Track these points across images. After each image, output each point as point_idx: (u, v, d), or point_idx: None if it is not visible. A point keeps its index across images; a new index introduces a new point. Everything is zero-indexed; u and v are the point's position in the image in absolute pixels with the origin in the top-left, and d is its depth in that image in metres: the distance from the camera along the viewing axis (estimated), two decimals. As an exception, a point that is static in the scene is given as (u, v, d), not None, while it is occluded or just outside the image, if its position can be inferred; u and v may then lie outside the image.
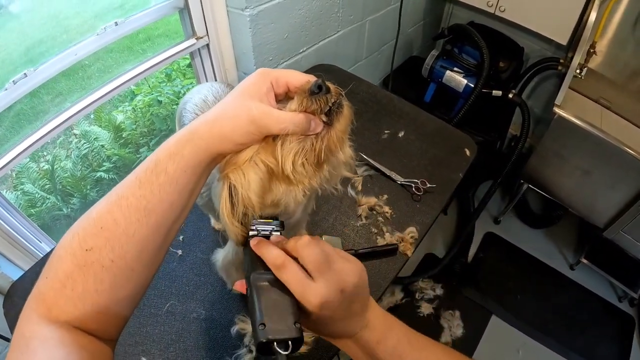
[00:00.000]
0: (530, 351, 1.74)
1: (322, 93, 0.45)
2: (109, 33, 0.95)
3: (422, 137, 1.22)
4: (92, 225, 0.39)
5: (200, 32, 1.12)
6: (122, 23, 0.97)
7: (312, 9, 1.26)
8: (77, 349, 0.36)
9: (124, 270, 0.39)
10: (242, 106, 0.41)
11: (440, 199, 1.06)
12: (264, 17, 1.12)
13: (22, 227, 1.04)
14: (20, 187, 1.70)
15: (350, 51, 1.59)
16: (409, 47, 2.02)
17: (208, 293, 0.87)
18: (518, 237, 2.11)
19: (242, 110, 0.41)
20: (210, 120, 0.41)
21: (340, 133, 0.48)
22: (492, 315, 1.85)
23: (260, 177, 0.46)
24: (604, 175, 1.55)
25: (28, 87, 0.89)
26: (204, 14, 1.09)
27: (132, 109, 2.03)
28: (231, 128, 0.41)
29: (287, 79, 0.46)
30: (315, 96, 0.45)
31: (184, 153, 0.40)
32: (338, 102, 0.47)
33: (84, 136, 1.91)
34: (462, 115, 1.66)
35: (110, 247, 0.38)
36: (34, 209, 1.65)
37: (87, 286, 0.38)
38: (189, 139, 0.41)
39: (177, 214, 0.42)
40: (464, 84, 1.66)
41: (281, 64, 1.28)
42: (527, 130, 1.70)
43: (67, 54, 0.92)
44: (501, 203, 2.23)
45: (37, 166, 1.79)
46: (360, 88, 1.36)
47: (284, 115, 0.43)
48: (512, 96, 1.67)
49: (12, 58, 0.97)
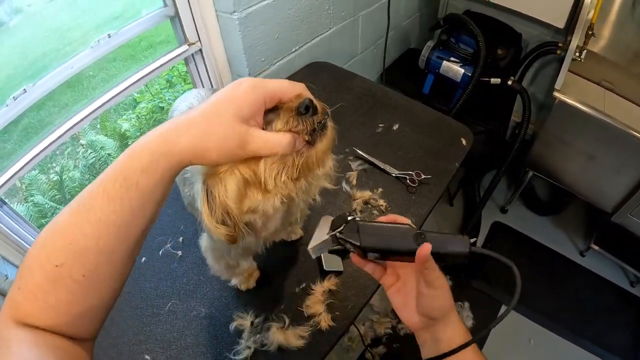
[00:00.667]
0: (542, 340, 1.73)
1: (309, 114, 0.46)
2: (103, 45, 0.98)
3: (417, 129, 1.22)
4: (60, 238, 0.38)
5: (192, 38, 1.14)
6: (114, 35, 0.99)
7: (302, 7, 1.27)
8: (52, 350, 0.37)
9: (96, 282, 0.39)
10: (233, 130, 0.40)
11: (436, 189, 1.06)
12: (253, 19, 1.13)
13: (30, 236, 1.08)
14: (30, 199, 1.75)
15: (345, 47, 1.60)
16: (406, 39, 2.01)
17: (207, 291, 0.89)
18: (526, 225, 2.09)
19: (233, 135, 0.40)
20: (194, 137, 0.39)
21: (321, 153, 0.49)
22: (501, 306, 1.83)
23: (237, 186, 0.48)
24: (609, 159, 1.52)
25: (28, 102, 0.92)
26: (194, 20, 1.11)
27: (137, 117, 2.07)
28: (218, 150, 0.40)
29: (281, 94, 0.45)
30: (303, 117, 0.46)
31: (159, 167, 0.39)
32: (323, 122, 0.48)
33: (91, 146, 1.96)
34: (461, 105, 1.64)
35: (81, 263, 0.38)
36: (45, 219, 1.71)
37: (60, 297, 0.38)
38: (164, 153, 0.39)
39: (147, 223, 0.42)
40: (461, 73, 1.65)
41: (274, 64, 1.30)
42: (527, 117, 1.68)
43: (64, 68, 0.95)
44: (507, 192, 2.21)
45: (46, 177, 1.85)
46: (354, 83, 1.36)
47: (273, 139, 0.43)
48: (511, 83, 1.65)
49: (17, 72, 1.01)
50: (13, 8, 1.06)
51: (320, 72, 1.39)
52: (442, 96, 1.79)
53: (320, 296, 0.85)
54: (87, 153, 1.96)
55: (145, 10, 1.05)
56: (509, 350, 1.71)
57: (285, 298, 0.87)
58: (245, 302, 0.87)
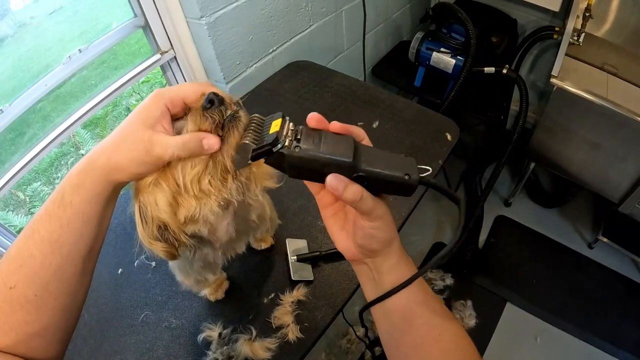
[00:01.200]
0: (549, 338, 1.66)
1: (215, 107, 0.44)
2: (74, 61, 0.99)
3: (399, 125, 1.18)
4: (12, 262, 0.40)
5: (164, 47, 1.13)
6: (85, 49, 1.00)
7: (276, 7, 1.24)
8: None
9: (48, 300, 0.41)
10: (137, 137, 0.42)
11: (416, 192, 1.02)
12: (223, 23, 1.11)
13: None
14: (33, 211, 1.80)
15: (329, 44, 1.56)
16: (398, 32, 1.95)
17: (179, 302, 0.89)
18: (531, 218, 2.01)
19: (138, 141, 0.42)
20: (109, 151, 0.42)
21: (235, 148, 0.47)
22: (506, 303, 1.77)
23: (166, 196, 0.47)
24: (615, 147, 1.45)
25: (6, 121, 0.93)
26: (165, 28, 1.10)
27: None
28: (128, 160, 0.42)
29: (182, 96, 0.45)
30: (209, 111, 0.44)
31: (86, 185, 0.41)
32: (232, 114, 0.45)
33: (89, 155, 1.99)
34: (454, 96, 1.59)
35: (31, 281, 0.40)
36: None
37: (16, 318, 0.40)
38: (88, 170, 0.42)
39: (89, 243, 0.43)
40: (452, 64, 1.59)
41: (250, 66, 1.28)
42: (525, 106, 1.61)
43: (38, 86, 0.96)
44: (511, 184, 2.14)
45: (50, 189, 1.90)
46: (334, 81, 1.33)
47: (169, 141, 0.42)
48: (506, 72, 1.58)
49: (21, 84, 1.01)
50: (16, 21, 1.08)
51: (299, 72, 1.36)
52: (435, 89, 1.74)
53: (288, 307, 0.83)
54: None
55: (115, 22, 1.05)
56: (515, 350, 1.65)
57: (254, 309, 0.85)
58: (215, 313, 0.86)
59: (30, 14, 1.11)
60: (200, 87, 0.46)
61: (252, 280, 0.90)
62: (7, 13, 1.04)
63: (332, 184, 0.38)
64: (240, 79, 1.27)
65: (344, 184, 0.38)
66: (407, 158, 0.42)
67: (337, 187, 0.38)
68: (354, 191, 0.38)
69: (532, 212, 2.04)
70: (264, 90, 1.31)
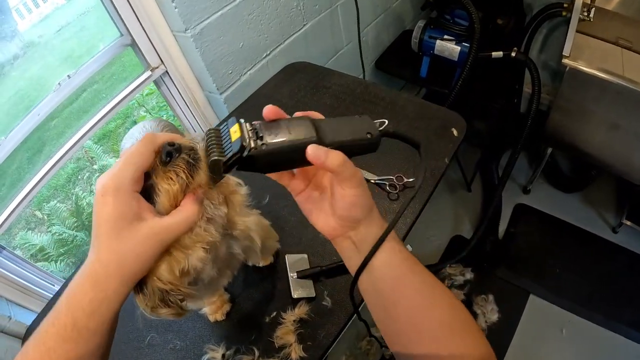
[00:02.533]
0: (575, 329, 1.60)
1: (175, 158, 0.42)
2: (64, 87, 0.98)
3: (401, 123, 1.13)
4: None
5: (154, 63, 1.12)
6: (74, 75, 0.99)
7: (265, 10, 1.21)
8: None
9: None
10: (139, 240, 0.40)
11: (422, 195, 0.96)
12: (210, 33, 1.08)
13: (32, 275, 1.13)
14: (51, 230, 1.85)
15: (326, 42, 1.51)
16: (400, 22, 1.88)
17: (182, 323, 0.88)
18: (551, 204, 1.92)
19: (143, 243, 0.40)
20: (120, 274, 0.40)
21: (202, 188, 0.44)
22: (529, 295, 1.71)
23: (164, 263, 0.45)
24: (635, 126, 1.35)
25: (3, 154, 0.94)
26: (153, 44, 1.08)
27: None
28: (140, 265, 0.41)
29: (140, 166, 0.41)
30: (173, 165, 0.42)
31: (102, 311, 0.40)
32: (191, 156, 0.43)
33: (102, 171, 2.02)
34: (462, 85, 1.51)
35: None
36: (64, 248, 1.80)
37: None
38: (103, 300, 0.40)
39: (104, 350, 0.43)
40: (457, 51, 1.52)
41: (244, 74, 1.25)
42: (537, 89, 1.53)
43: (31, 116, 0.97)
44: (528, 170, 2.04)
45: (66, 206, 1.94)
46: (332, 81, 1.28)
47: (171, 225, 0.41)
48: (515, 55, 1.50)
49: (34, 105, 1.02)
50: (25, 41, 1.10)
51: (295, 75, 1.32)
52: (442, 78, 1.67)
53: (290, 325, 0.81)
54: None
55: (102, 44, 1.04)
56: (540, 342, 1.59)
57: (256, 328, 0.83)
58: (217, 334, 0.85)
59: (38, 33, 1.12)
60: (147, 147, 0.42)
61: (253, 299, 0.88)
62: (15, 34, 1.06)
63: (314, 154, 0.38)
64: (235, 88, 1.24)
65: (324, 151, 0.38)
66: (363, 117, 0.43)
67: (319, 155, 0.38)
68: (336, 156, 0.38)
69: (552, 198, 1.95)
70: (260, 97, 1.28)
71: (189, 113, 1.27)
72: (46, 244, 1.81)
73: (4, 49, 1.04)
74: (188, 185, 0.43)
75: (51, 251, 1.82)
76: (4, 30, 1.04)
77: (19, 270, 1.10)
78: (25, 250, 1.83)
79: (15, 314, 1.04)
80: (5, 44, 1.05)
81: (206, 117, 1.30)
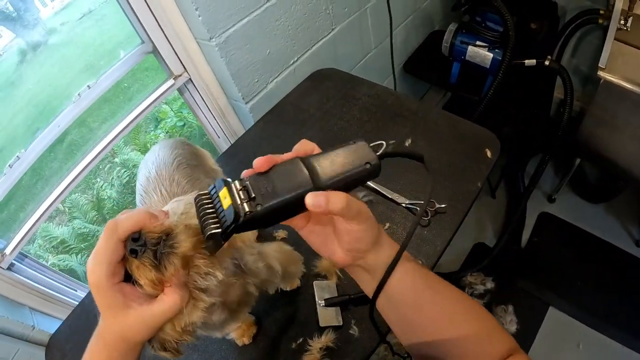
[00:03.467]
0: (592, 344, 1.56)
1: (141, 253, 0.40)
2: (84, 98, 0.96)
3: (433, 142, 1.08)
4: None
5: (177, 71, 1.08)
6: (94, 85, 0.97)
7: (293, 15, 1.15)
8: None
9: None
10: (133, 325, 0.41)
11: (453, 221, 0.94)
12: (235, 41, 1.04)
13: (55, 282, 1.13)
14: (72, 223, 1.86)
15: (355, 46, 1.45)
16: (429, 22, 1.80)
17: (208, 345, 0.88)
18: (576, 215, 1.86)
19: (139, 328, 0.41)
20: (124, 343, 0.41)
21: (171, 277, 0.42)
22: (549, 307, 1.67)
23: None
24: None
25: (24, 166, 0.93)
26: (176, 51, 1.05)
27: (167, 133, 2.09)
28: (140, 338, 0.42)
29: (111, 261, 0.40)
30: (142, 256, 0.40)
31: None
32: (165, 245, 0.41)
33: (124, 164, 2.02)
34: (493, 93, 1.45)
35: None
36: (85, 243, 1.82)
37: None
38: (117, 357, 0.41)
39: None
40: (490, 58, 1.45)
41: (270, 82, 1.21)
42: (570, 100, 1.46)
43: (51, 128, 0.96)
44: (555, 178, 1.98)
45: (86, 199, 1.95)
46: (361, 91, 1.23)
47: (163, 310, 0.41)
48: (548, 63, 1.42)
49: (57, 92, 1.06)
50: (47, 29, 1.10)
51: (323, 82, 1.27)
52: (472, 85, 1.60)
53: (317, 353, 0.80)
54: (121, 172, 2.02)
55: (123, 52, 1.00)
56: (556, 356, 1.57)
57: (282, 354, 0.83)
58: (243, 357, 0.84)
59: (60, 21, 1.12)
60: (112, 238, 0.40)
61: (279, 323, 0.87)
62: (38, 22, 1.06)
63: (314, 203, 0.36)
64: (261, 97, 1.20)
65: (324, 198, 0.36)
66: (358, 144, 0.41)
67: (319, 203, 0.36)
68: (337, 200, 0.37)
69: (577, 207, 1.89)
70: (287, 105, 1.24)
71: (213, 120, 1.24)
72: (67, 237, 1.83)
73: (27, 36, 1.05)
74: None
75: (72, 243, 1.84)
76: (27, 18, 1.04)
77: (41, 278, 1.10)
78: (47, 242, 1.86)
79: (38, 322, 1.04)
80: (29, 32, 1.05)
81: (231, 125, 1.27)
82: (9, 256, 0.94)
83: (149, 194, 0.74)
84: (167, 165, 0.76)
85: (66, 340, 0.95)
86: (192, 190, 0.75)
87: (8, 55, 1.03)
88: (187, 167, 0.80)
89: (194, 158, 0.84)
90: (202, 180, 0.80)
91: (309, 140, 0.42)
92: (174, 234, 0.41)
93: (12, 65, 1.05)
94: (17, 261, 0.99)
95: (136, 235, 0.39)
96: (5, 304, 0.95)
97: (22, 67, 1.06)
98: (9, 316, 0.92)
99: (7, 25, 1.02)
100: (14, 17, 1.03)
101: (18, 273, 0.97)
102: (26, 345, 0.96)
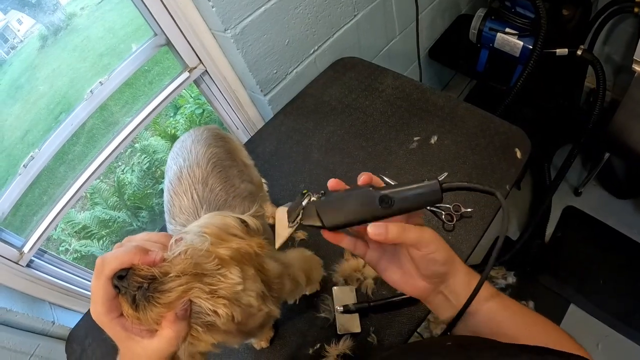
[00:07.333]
0: (611, 345, 1.52)
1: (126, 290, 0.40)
2: (97, 94, 0.94)
3: (460, 140, 1.03)
4: None
5: (192, 63, 1.05)
6: (106, 81, 0.94)
7: (312, 2, 1.10)
8: None
9: None
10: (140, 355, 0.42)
11: (479, 225, 0.89)
12: (252, 32, 0.99)
13: (74, 275, 1.14)
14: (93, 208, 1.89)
15: (378, 32, 1.38)
16: (456, 4, 1.69)
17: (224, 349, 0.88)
18: (602, 209, 1.79)
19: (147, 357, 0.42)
20: None
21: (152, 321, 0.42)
22: (570, 305, 1.63)
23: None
24: None
25: (39, 166, 0.92)
26: (191, 44, 1.01)
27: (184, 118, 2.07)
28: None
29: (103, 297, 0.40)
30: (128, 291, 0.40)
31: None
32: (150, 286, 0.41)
33: (144, 150, 2.01)
34: (522, 84, 1.36)
35: None
36: (106, 230, 1.84)
37: None
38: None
39: None
40: (520, 46, 1.36)
41: (290, 73, 1.16)
42: (602, 92, 1.38)
43: (64, 127, 0.94)
44: (582, 170, 1.90)
45: (107, 184, 1.97)
46: (385, 82, 1.18)
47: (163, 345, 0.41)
48: (581, 53, 1.32)
49: (79, 75, 1.07)
50: (67, 14, 1.10)
51: (346, 72, 1.21)
52: (500, 74, 1.51)
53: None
54: (141, 158, 2.02)
55: (135, 45, 0.97)
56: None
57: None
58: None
59: (80, 5, 1.11)
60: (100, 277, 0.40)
61: (297, 327, 0.86)
62: (57, 7, 1.06)
63: (375, 233, 0.40)
64: (280, 88, 1.16)
65: (384, 228, 0.40)
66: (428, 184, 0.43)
67: (380, 233, 0.40)
68: (396, 231, 0.40)
69: (603, 202, 1.81)
70: (307, 97, 1.19)
71: (231, 112, 1.21)
72: (89, 222, 1.85)
73: (47, 22, 1.05)
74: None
75: (94, 229, 1.86)
76: (46, 3, 1.04)
77: (61, 272, 1.10)
78: (69, 227, 1.89)
79: (58, 317, 1.05)
80: (48, 17, 1.05)
81: (250, 116, 1.23)
82: (28, 254, 0.94)
83: (179, 196, 0.72)
84: (200, 167, 0.73)
85: (85, 335, 0.97)
86: (225, 199, 0.73)
87: (29, 41, 1.04)
88: (222, 170, 0.76)
89: (228, 157, 0.81)
90: (237, 186, 0.77)
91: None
92: (160, 280, 0.41)
93: (34, 50, 1.06)
94: (36, 257, 0.99)
95: (124, 272, 0.40)
96: (26, 300, 0.96)
97: (43, 52, 1.07)
98: (29, 312, 0.93)
99: (27, 12, 1.02)
100: (33, 4, 1.03)
101: (37, 269, 0.98)
102: (46, 340, 0.97)
